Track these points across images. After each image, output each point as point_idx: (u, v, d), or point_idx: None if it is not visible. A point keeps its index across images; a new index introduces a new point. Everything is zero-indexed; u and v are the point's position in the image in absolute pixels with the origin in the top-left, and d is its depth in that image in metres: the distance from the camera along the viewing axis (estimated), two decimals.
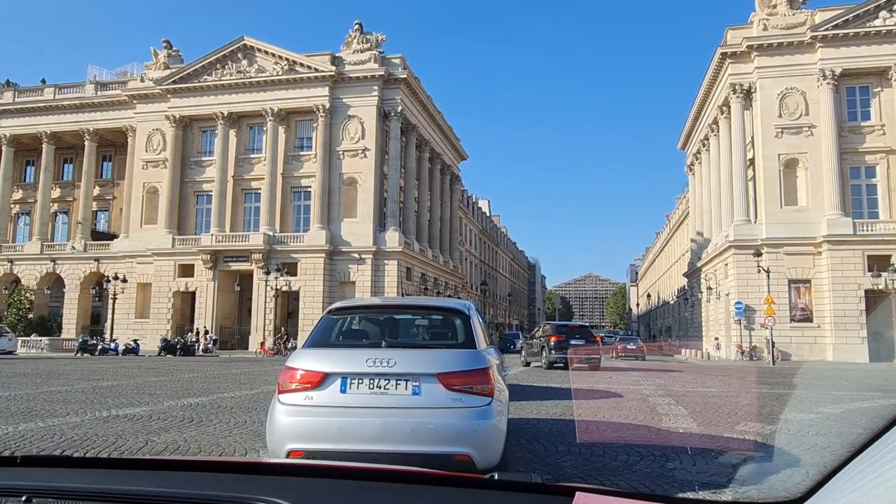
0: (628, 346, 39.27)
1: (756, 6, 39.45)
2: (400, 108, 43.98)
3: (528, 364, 25.77)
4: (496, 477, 1.35)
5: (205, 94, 45.20)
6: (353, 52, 43.78)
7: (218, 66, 45.33)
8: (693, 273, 52.66)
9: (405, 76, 44.15)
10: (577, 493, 1.25)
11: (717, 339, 42.07)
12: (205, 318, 42.96)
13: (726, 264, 40.01)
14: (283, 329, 40.58)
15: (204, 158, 46.20)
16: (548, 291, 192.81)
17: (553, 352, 23.13)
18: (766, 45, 38.23)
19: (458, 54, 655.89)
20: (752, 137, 39.40)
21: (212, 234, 43.07)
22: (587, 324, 36.24)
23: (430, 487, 1.38)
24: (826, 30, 36.97)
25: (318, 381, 4.55)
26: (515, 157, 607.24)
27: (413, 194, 48.14)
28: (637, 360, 36.71)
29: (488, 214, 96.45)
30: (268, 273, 40.05)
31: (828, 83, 36.78)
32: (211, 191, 44.89)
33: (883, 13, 36.66)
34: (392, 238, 42.26)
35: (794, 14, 38.37)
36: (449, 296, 52.00)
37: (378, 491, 1.37)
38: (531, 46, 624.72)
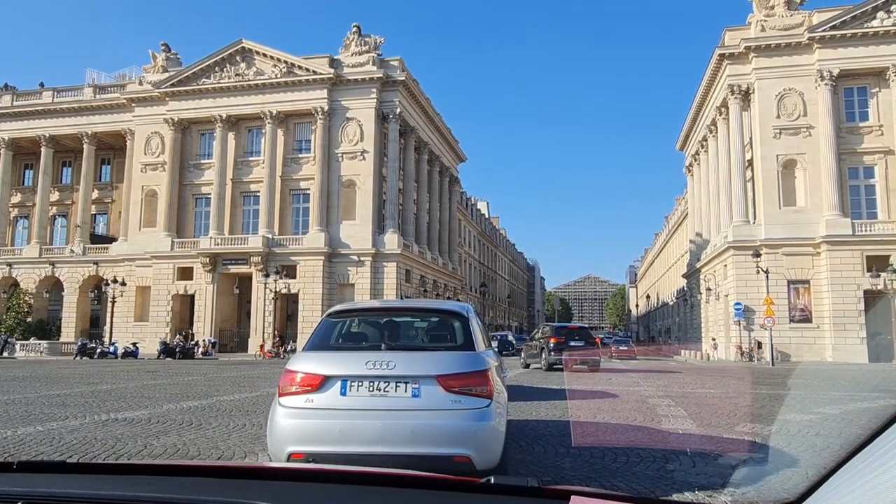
0: (621, 348, 43.55)
1: (754, 7, 39.50)
2: (398, 111, 44.01)
3: (527, 366, 25.77)
4: (493, 481, 1.35)
5: (203, 97, 45.22)
6: (352, 55, 43.82)
7: (216, 69, 45.36)
8: (692, 274, 52.69)
9: (403, 78, 44.17)
10: (573, 497, 1.26)
11: (714, 339, 42.27)
12: (204, 321, 42.93)
13: (725, 265, 40.04)
14: (276, 333, 40.34)
15: (203, 161, 46.21)
16: (547, 293, 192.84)
17: (552, 353, 23.11)
18: (764, 47, 38.29)
19: (457, 56, 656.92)
20: (751, 138, 39.45)
21: (210, 237, 43.05)
22: (586, 325, 36.39)
23: (427, 492, 1.39)
24: (824, 31, 37.04)
25: (319, 383, 4.57)
26: (514, 158, 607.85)
27: (412, 196, 48.14)
28: (630, 359, 38.93)
29: (487, 216, 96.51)
30: (267, 276, 40.04)
31: (826, 84, 36.83)
32: (210, 194, 44.88)
33: (880, 14, 36.73)
34: (391, 240, 42.27)
35: (791, 15, 38.43)
36: (448, 298, 52.00)
37: (375, 495, 1.37)
38: (530, 48, 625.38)
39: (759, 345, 35.42)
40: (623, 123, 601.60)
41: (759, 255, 35.61)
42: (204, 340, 40.02)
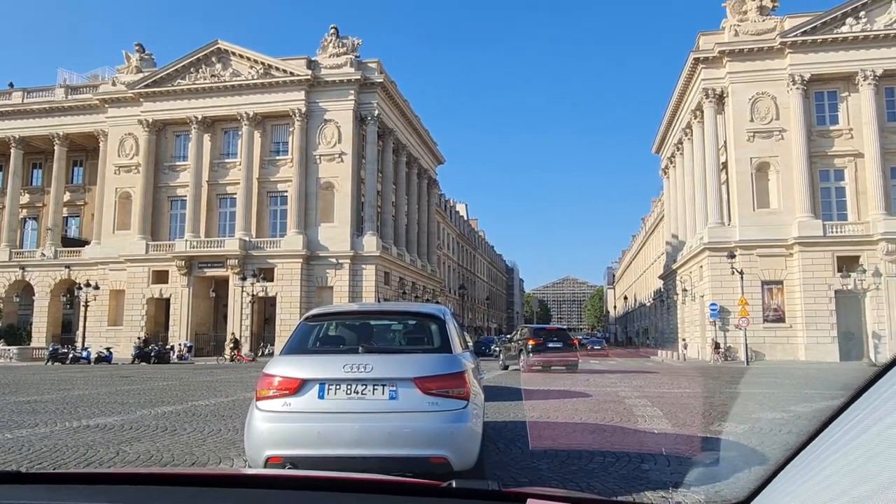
0: (595, 348, 49.27)
1: (728, 13, 40.11)
2: (377, 112, 43.89)
3: (506, 368, 25.85)
4: (454, 485, 1.37)
5: (178, 98, 44.64)
6: (330, 57, 43.61)
7: (192, 69, 44.81)
8: (669, 275, 53.28)
9: (381, 80, 44.07)
10: (529, 500, 1.29)
11: (684, 339, 43.10)
12: (180, 325, 42.36)
13: (701, 266, 40.57)
14: (233, 337, 39.66)
15: (178, 163, 45.62)
16: (526, 295, 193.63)
17: (531, 355, 23.24)
18: (738, 51, 38.90)
19: (435, 59, 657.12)
20: (725, 141, 40.03)
21: (186, 240, 42.47)
22: (565, 327, 36.85)
23: (387, 497, 1.40)
24: (795, 36, 37.74)
25: (296, 387, 4.56)
26: (493, 160, 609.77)
27: (390, 198, 48.03)
28: (605, 359, 40.40)
29: (466, 218, 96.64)
30: (244, 279, 39.62)
31: (797, 88, 37.52)
32: (185, 196, 44.30)
33: (849, 20, 37.51)
34: (369, 242, 42.11)
35: (764, 20, 39.10)
36: (427, 300, 51.96)
37: (334, 501, 1.38)
38: (508, 51, 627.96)
39: (717, 345, 36.28)
40: (601, 126, 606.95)
41: (733, 257, 36.12)
42: (179, 345, 39.44)
